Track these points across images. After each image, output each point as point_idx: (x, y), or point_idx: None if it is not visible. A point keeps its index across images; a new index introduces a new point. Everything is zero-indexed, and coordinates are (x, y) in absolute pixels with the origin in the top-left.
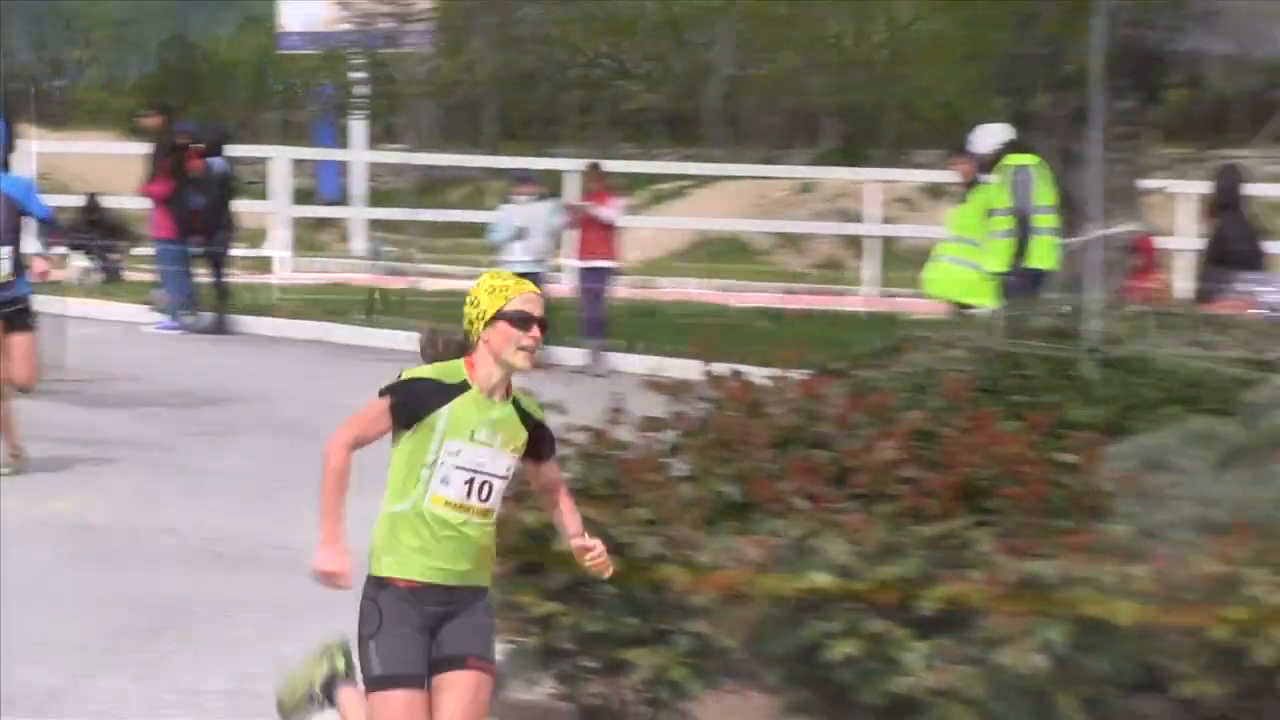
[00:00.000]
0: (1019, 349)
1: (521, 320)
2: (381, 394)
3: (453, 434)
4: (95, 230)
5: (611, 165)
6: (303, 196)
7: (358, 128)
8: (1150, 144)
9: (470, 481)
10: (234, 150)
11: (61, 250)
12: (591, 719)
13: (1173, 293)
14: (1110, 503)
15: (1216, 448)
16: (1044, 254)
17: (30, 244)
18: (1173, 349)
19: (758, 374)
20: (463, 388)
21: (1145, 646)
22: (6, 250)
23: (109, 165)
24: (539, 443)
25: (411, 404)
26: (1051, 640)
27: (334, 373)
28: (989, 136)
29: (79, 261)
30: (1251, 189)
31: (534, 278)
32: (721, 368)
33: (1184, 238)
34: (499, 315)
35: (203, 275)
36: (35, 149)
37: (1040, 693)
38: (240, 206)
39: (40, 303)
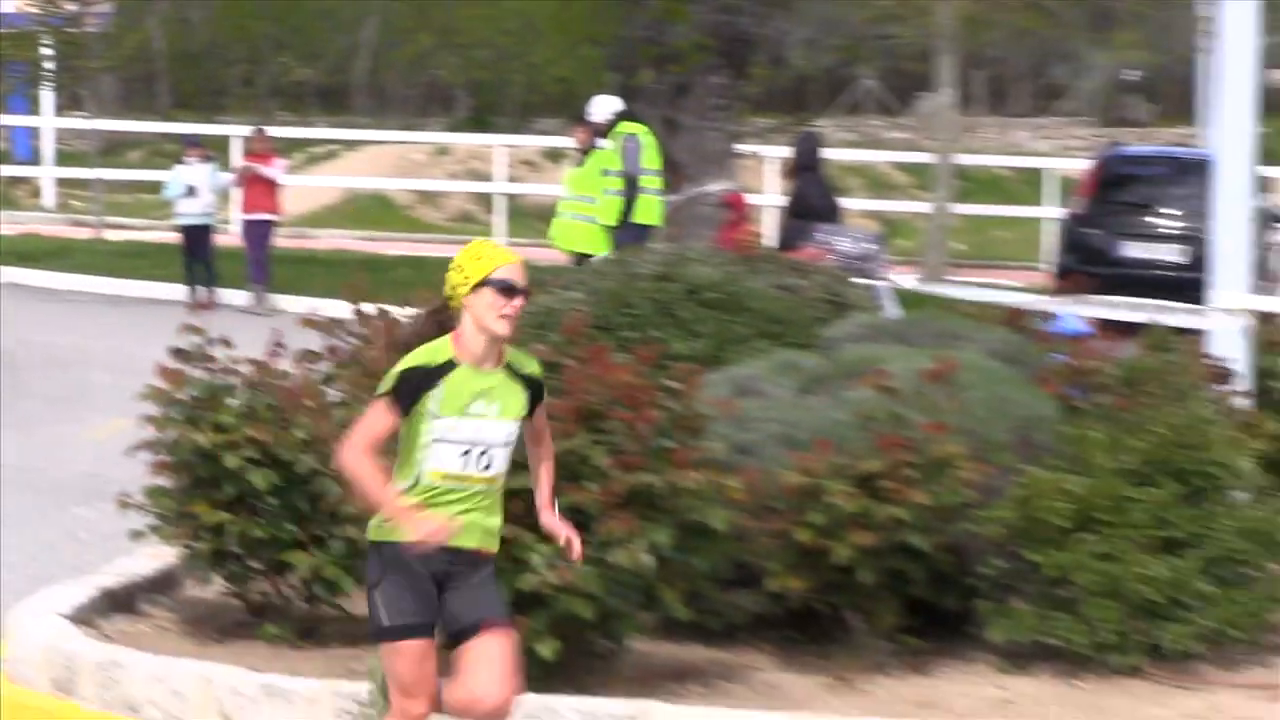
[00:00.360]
0: (629, 291)
1: (506, 289)
2: (378, 396)
3: (445, 412)
4: None
5: (271, 131)
6: None
7: (47, 97)
8: (741, 114)
9: (467, 454)
10: None
11: None
12: (258, 614)
13: (761, 242)
14: (708, 424)
15: (799, 376)
16: (650, 210)
17: None
18: (761, 291)
19: (401, 313)
20: (449, 366)
21: (739, 548)
22: None
23: None
24: (536, 398)
25: (407, 394)
26: (658, 543)
27: (31, 313)
28: (603, 107)
29: None
30: (827, 153)
31: (203, 230)
32: (369, 308)
33: (770, 195)
34: (484, 282)
35: None
36: None
37: (649, 588)
38: None
39: None
